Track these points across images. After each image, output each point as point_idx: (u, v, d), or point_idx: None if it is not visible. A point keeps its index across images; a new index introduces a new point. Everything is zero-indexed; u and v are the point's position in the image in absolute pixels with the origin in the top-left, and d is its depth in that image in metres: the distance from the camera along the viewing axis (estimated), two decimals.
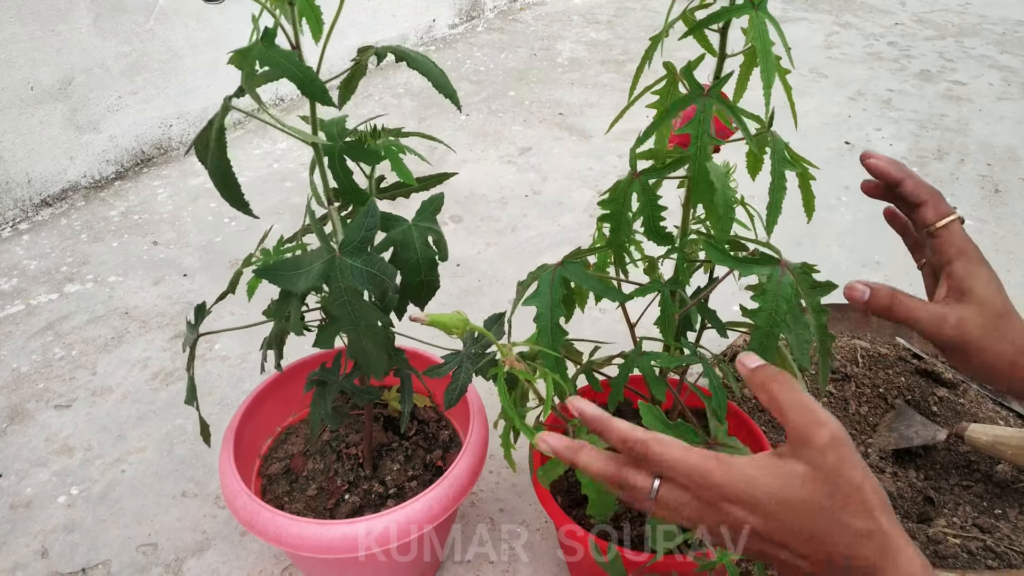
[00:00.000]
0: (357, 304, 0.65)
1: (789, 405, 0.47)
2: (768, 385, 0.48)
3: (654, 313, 0.73)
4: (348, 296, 0.65)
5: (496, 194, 1.92)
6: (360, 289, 0.65)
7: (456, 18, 3.09)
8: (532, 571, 1.00)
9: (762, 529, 0.45)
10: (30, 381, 1.33)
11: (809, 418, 0.46)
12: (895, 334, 1.31)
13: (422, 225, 0.74)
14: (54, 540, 1.05)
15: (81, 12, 1.80)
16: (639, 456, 0.48)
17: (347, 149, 0.68)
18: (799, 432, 0.45)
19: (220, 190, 0.67)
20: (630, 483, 0.48)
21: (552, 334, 0.67)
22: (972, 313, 0.56)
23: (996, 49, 2.94)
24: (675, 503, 0.47)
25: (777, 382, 0.48)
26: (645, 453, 0.47)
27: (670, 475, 0.47)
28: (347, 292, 0.65)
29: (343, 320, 0.66)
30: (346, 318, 0.66)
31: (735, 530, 0.46)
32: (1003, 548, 0.92)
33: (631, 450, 0.48)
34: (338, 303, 0.65)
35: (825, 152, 2.12)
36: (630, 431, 0.48)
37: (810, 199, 0.73)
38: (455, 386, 0.78)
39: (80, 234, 1.75)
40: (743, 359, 0.50)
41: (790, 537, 0.44)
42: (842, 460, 0.44)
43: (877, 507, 0.44)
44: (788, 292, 0.60)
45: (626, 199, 0.67)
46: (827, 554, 0.44)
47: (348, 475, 0.95)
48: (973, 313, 0.56)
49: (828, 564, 0.44)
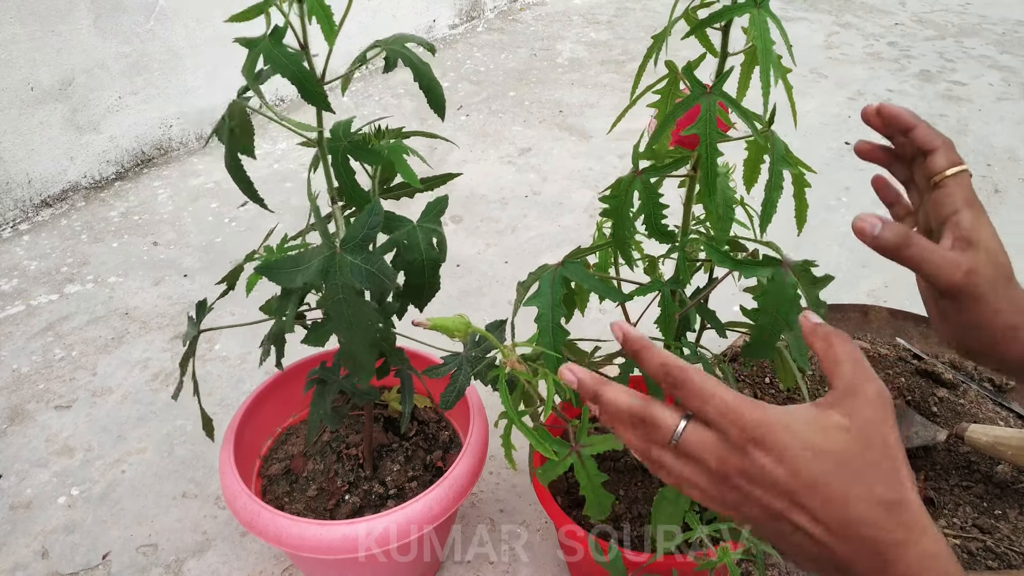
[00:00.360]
0: (354, 303, 0.65)
1: (846, 356, 0.45)
2: (830, 336, 0.46)
3: (654, 313, 0.73)
4: (345, 293, 0.65)
5: (496, 194, 1.92)
6: (358, 287, 0.65)
7: (456, 18, 3.09)
8: (532, 571, 1.00)
9: (785, 483, 0.42)
10: (30, 382, 1.33)
11: (862, 372, 0.44)
12: (895, 335, 1.31)
13: (427, 226, 0.74)
14: (54, 541, 1.05)
15: (81, 12, 1.80)
16: (676, 382, 0.45)
17: (352, 149, 0.68)
18: (847, 382, 0.44)
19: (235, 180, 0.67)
20: (656, 420, 0.46)
21: (553, 334, 0.67)
22: (982, 263, 0.54)
23: (996, 49, 2.94)
24: (699, 446, 0.44)
25: (838, 336, 0.46)
26: (684, 380, 0.45)
27: (702, 409, 0.44)
28: (344, 289, 0.64)
29: (338, 319, 0.66)
30: (341, 316, 0.65)
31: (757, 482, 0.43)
32: (1003, 549, 0.92)
33: (669, 375, 0.45)
34: (334, 300, 0.65)
35: (825, 152, 2.12)
36: (672, 357, 0.46)
37: (803, 208, 0.73)
38: (453, 388, 0.78)
39: (80, 235, 1.75)
40: (808, 315, 0.48)
41: (811, 495, 0.42)
42: (883, 419, 0.42)
43: (907, 478, 0.42)
44: (790, 293, 0.60)
45: (627, 197, 0.67)
46: (847, 519, 0.41)
47: (348, 476, 0.95)
48: (983, 263, 0.54)
49: (845, 531, 0.41)
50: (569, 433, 0.73)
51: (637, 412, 0.46)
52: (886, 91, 2.53)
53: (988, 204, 1.87)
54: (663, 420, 0.45)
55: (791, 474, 0.42)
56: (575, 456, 0.70)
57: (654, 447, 0.46)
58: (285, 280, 0.64)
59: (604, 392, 0.47)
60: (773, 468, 0.42)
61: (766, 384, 1.19)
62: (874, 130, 0.62)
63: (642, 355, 0.47)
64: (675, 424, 0.45)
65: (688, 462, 0.45)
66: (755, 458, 0.42)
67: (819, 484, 0.41)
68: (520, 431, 0.62)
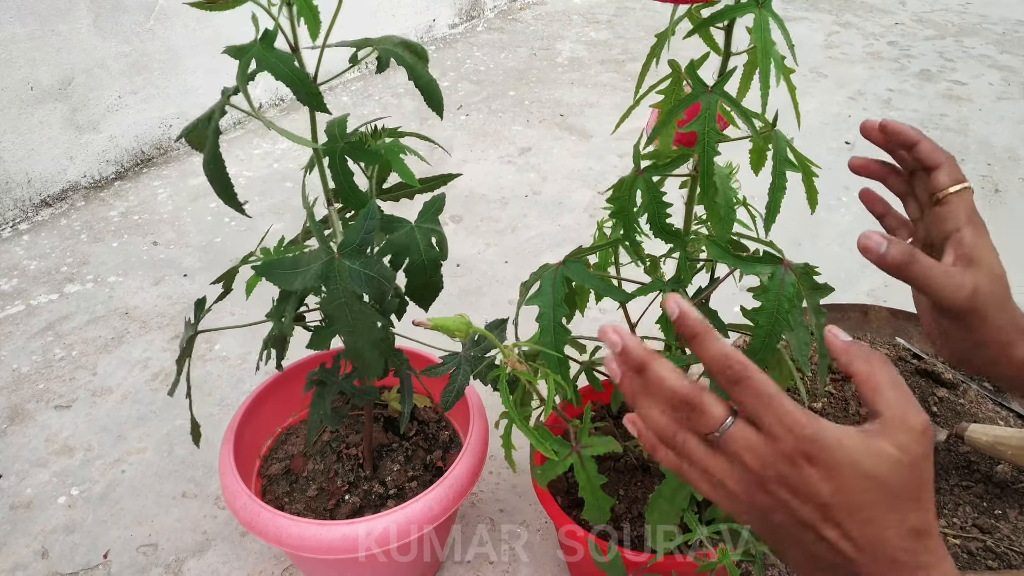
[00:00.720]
0: (355, 306, 0.65)
1: (890, 384, 0.44)
2: (873, 359, 0.45)
3: (655, 313, 0.73)
4: (346, 298, 0.65)
5: (496, 194, 1.92)
6: (358, 292, 0.65)
7: (456, 18, 3.09)
8: (532, 571, 1.00)
9: (828, 498, 0.42)
10: (30, 381, 1.33)
11: (908, 402, 0.43)
12: (895, 335, 1.31)
13: (425, 226, 0.74)
14: (54, 541, 1.05)
15: (81, 12, 1.80)
16: (736, 378, 0.43)
17: (348, 150, 0.68)
18: (894, 413, 0.43)
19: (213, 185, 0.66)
20: (706, 407, 0.44)
21: (555, 333, 0.67)
22: (984, 282, 0.54)
23: (996, 49, 2.94)
24: (743, 445, 0.43)
25: (880, 358, 0.45)
26: (746, 377, 0.43)
27: (759, 412, 0.43)
28: (345, 294, 0.65)
29: (340, 322, 0.66)
30: (343, 320, 0.66)
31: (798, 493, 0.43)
32: (1003, 549, 0.92)
33: (730, 367, 0.44)
34: (335, 304, 0.65)
35: (825, 152, 2.12)
36: (735, 350, 0.44)
37: (813, 193, 0.73)
38: (452, 388, 0.78)
39: (80, 234, 1.75)
40: (834, 331, 0.47)
41: (849, 515, 0.42)
42: (927, 454, 0.43)
43: (931, 506, 0.43)
44: (790, 292, 0.60)
45: (631, 196, 0.66)
46: (879, 540, 0.42)
47: (348, 476, 0.95)
48: (985, 282, 0.54)
49: (874, 551, 0.42)
50: (570, 433, 0.73)
51: (685, 395, 0.45)
52: (886, 90, 2.53)
53: (988, 204, 1.87)
54: (712, 409, 0.44)
55: (835, 491, 0.42)
56: (575, 457, 0.70)
57: (683, 432, 0.45)
58: (283, 282, 0.64)
59: (653, 366, 0.46)
60: (819, 483, 0.42)
61: None
62: (874, 144, 0.62)
63: (702, 340, 0.45)
64: (723, 417, 0.44)
65: (723, 458, 0.44)
66: (803, 469, 0.42)
67: (859, 505, 0.42)
68: (521, 431, 0.62)
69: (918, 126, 2.36)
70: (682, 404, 0.45)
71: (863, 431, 0.43)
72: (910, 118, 2.32)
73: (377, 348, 0.70)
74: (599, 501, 0.68)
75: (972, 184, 0.57)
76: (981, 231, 0.57)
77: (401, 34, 3.04)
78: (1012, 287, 0.58)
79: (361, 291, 0.65)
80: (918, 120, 2.31)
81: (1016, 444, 0.99)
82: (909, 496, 0.42)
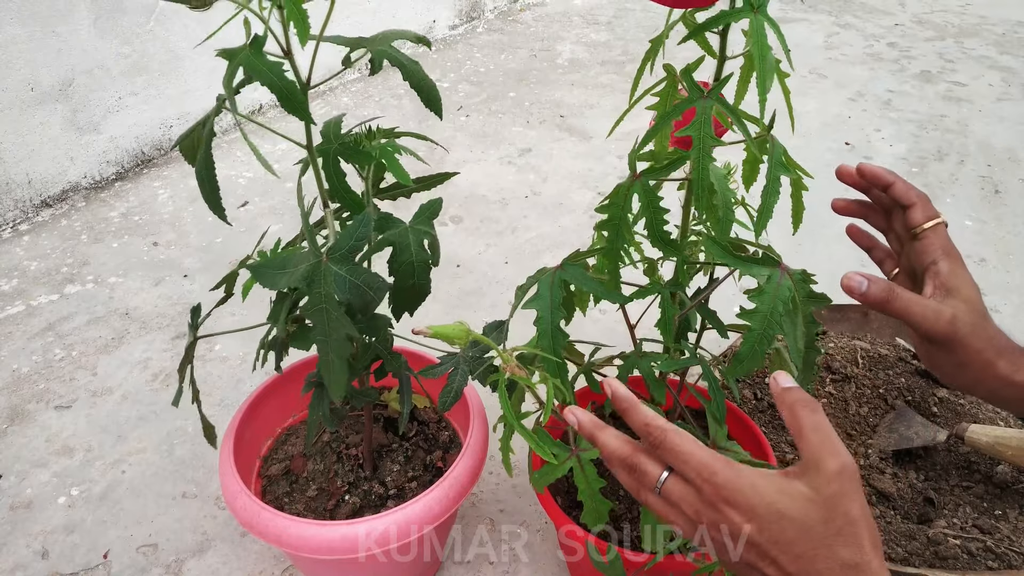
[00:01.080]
0: (333, 313, 0.64)
1: (810, 429, 0.48)
2: (795, 407, 0.49)
3: (654, 314, 0.73)
4: (326, 303, 0.64)
5: (496, 195, 1.92)
6: (339, 298, 0.64)
7: (456, 19, 3.09)
8: (532, 571, 1.00)
9: (755, 538, 0.47)
10: (30, 382, 1.33)
11: (825, 446, 0.47)
12: (895, 335, 1.31)
13: (419, 228, 0.74)
14: (54, 541, 1.05)
15: (81, 13, 1.80)
16: (656, 442, 0.50)
17: (342, 151, 0.68)
18: (811, 456, 0.47)
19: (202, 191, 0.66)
20: (641, 468, 0.51)
21: (553, 337, 0.67)
22: (962, 310, 0.59)
23: (996, 50, 2.94)
24: (678, 496, 0.49)
25: (803, 405, 0.49)
26: (662, 440, 0.49)
27: (680, 467, 0.49)
28: (326, 299, 0.64)
29: (317, 329, 0.65)
30: (320, 327, 0.65)
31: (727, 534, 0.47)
32: (1003, 549, 0.92)
33: (650, 435, 0.50)
34: (315, 309, 0.64)
35: (825, 153, 2.12)
36: (654, 418, 0.51)
37: (799, 210, 0.74)
38: (450, 388, 0.78)
39: (80, 235, 1.75)
40: (777, 378, 0.52)
41: (780, 551, 0.46)
42: (844, 493, 0.46)
43: (868, 543, 0.46)
44: (786, 295, 0.60)
45: (626, 202, 0.66)
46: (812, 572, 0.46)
47: (348, 476, 0.95)
48: (963, 310, 0.59)
49: None
50: (569, 435, 0.73)
51: (624, 458, 0.52)
52: (886, 91, 2.53)
53: (988, 204, 1.87)
54: (647, 469, 0.51)
55: (759, 531, 0.46)
56: (575, 460, 0.70)
57: (641, 489, 0.52)
58: (269, 282, 0.64)
59: (599, 437, 0.54)
60: (743, 524, 0.47)
61: (766, 385, 1.19)
62: (851, 187, 0.68)
63: (628, 413, 0.52)
64: (658, 474, 0.51)
65: (670, 507, 0.51)
66: (728, 513, 0.47)
67: (785, 543, 0.46)
68: (521, 435, 0.62)
69: (918, 127, 2.37)
70: (627, 466, 0.52)
71: (784, 473, 0.48)
72: (910, 119, 2.32)
73: (345, 364, 0.67)
74: (598, 505, 0.68)
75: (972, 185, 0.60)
76: (956, 262, 0.62)
77: None
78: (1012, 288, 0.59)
79: (344, 297, 0.64)
80: (918, 121, 2.31)
81: (1016, 444, 0.99)
82: (831, 533, 0.45)
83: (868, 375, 1.21)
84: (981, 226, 1.78)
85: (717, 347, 1.29)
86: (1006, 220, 1.81)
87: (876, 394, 1.18)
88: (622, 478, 0.53)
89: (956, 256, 0.62)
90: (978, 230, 1.77)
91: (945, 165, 2.06)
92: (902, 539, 0.92)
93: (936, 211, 0.64)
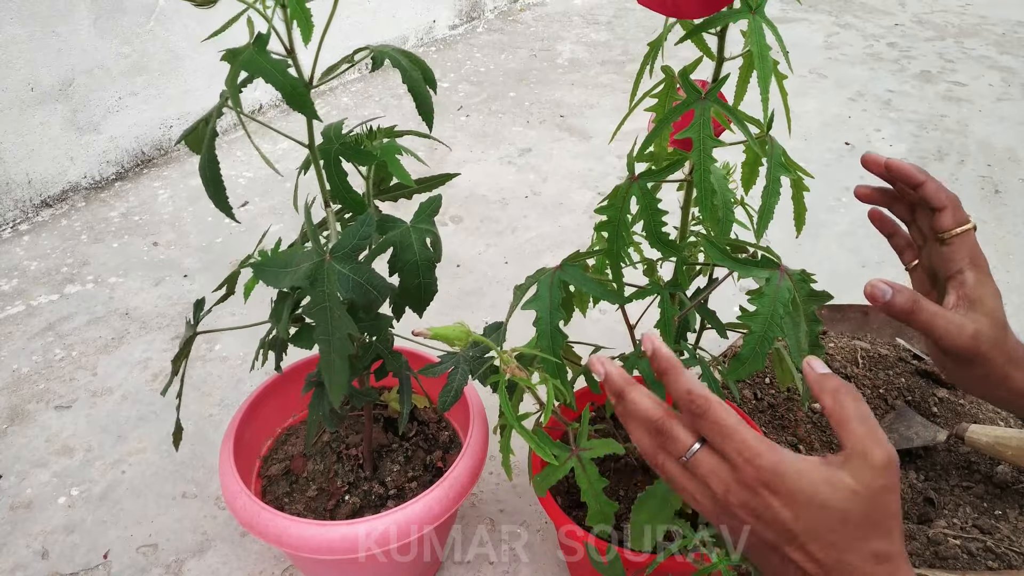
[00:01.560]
0: (336, 312, 0.64)
1: (856, 419, 0.46)
2: (838, 394, 0.47)
3: (654, 314, 0.73)
4: (329, 302, 0.64)
5: (496, 195, 1.92)
6: (342, 297, 0.64)
7: (456, 19, 3.09)
8: (532, 572, 1.00)
9: (790, 524, 0.45)
10: (30, 382, 1.33)
11: (871, 437, 0.46)
12: (895, 335, 1.31)
13: (420, 227, 0.74)
14: (54, 541, 1.05)
15: (81, 13, 1.80)
16: (699, 411, 0.47)
17: (343, 151, 0.68)
18: (858, 446, 0.45)
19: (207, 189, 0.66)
20: (672, 433, 0.48)
21: (552, 338, 0.67)
22: (985, 325, 0.57)
23: (996, 50, 2.94)
24: (708, 470, 0.47)
25: (847, 392, 0.48)
26: (706, 411, 0.47)
27: (719, 442, 0.47)
28: (329, 298, 0.64)
29: (319, 328, 0.65)
30: (322, 326, 0.64)
31: (761, 518, 0.45)
32: (1003, 549, 0.92)
33: (693, 402, 0.47)
34: (318, 309, 0.64)
35: (825, 153, 2.12)
36: (698, 385, 0.48)
37: (801, 211, 0.74)
38: (450, 388, 0.78)
39: (80, 235, 1.75)
40: (811, 363, 0.50)
41: (812, 539, 0.45)
42: (888, 487, 0.45)
43: (898, 536, 0.45)
44: (786, 297, 0.60)
45: (625, 204, 0.66)
46: (842, 563, 0.45)
47: (348, 476, 0.95)
48: (986, 325, 0.57)
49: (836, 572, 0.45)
50: (569, 435, 0.73)
51: (655, 420, 0.49)
52: (886, 91, 2.53)
53: (988, 204, 1.87)
54: (678, 436, 0.48)
55: (796, 518, 0.45)
56: (576, 460, 0.70)
57: (662, 454, 0.49)
58: (272, 280, 0.64)
59: (629, 392, 0.50)
60: (780, 510, 0.45)
61: (766, 384, 1.20)
62: (875, 176, 0.65)
63: (669, 376, 0.49)
64: (689, 444, 0.48)
65: (694, 480, 0.48)
66: (764, 498, 0.45)
67: (821, 531, 0.45)
68: (521, 436, 0.62)
69: (918, 127, 2.37)
70: (655, 429, 0.49)
71: (826, 462, 0.46)
72: (910, 119, 2.32)
73: (347, 364, 0.67)
74: (602, 505, 0.68)
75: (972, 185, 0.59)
76: (982, 271, 0.60)
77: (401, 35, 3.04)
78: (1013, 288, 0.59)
79: (347, 296, 0.64)
80: (918, 121, 2.31)
81: (1016, 444, 0.99)
82: (869, 525, 0.45)
83: (868, 375, 1.21)
84: (981, 226, 1.78)
85: (717, 347, 1.29)
86: (1006, 220, 1.81)
87: (876, 394, 1.18)
88: (640, 439, 0.50)
89: (983, 265, 0.60)
90: (978, 230, 1.77)
91: (945, 165, 2.06)
92: None
93: (966, 215, 0.62)
